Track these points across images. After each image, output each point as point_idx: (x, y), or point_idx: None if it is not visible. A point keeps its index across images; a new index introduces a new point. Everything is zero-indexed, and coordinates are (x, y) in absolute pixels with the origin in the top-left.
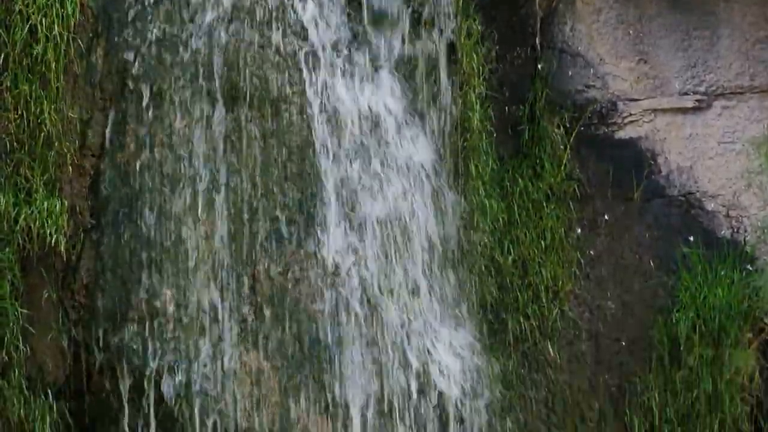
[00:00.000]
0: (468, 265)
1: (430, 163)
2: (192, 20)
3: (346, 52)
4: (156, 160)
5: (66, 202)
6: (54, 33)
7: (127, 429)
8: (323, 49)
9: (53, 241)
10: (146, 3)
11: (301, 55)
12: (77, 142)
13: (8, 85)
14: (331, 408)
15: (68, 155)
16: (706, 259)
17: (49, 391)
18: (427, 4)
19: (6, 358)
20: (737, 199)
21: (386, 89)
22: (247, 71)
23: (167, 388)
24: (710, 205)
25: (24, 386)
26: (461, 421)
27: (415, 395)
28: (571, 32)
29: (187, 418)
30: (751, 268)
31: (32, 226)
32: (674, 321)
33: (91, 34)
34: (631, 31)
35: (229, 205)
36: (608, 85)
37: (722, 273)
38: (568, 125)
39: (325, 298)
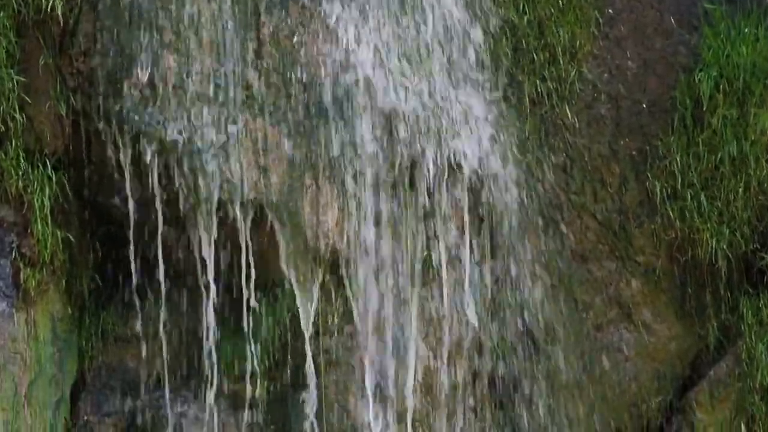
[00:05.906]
0: (482, 26)
1: None
2: None
3: None
4: None
5: None
6: None
7: (130, 200)
8: None
9: (49, 4)
10: None
11: None
12: None
13: None
14: (341, 176)
15: None
16: (729, 15)
17: (48, 162)
18: None
19: (2, 128)
20: None
21: None
22: None
23: (170, 156)
24: None
25: (22, 157)
26: (477, 190)
27: (429, 163)
28: None
29: (192, 188)
30: None
31: None
32: (697, 80)
33: None
34: None
35: None
36: None
37: (746, 30)
38: None
39: (333, 62)
